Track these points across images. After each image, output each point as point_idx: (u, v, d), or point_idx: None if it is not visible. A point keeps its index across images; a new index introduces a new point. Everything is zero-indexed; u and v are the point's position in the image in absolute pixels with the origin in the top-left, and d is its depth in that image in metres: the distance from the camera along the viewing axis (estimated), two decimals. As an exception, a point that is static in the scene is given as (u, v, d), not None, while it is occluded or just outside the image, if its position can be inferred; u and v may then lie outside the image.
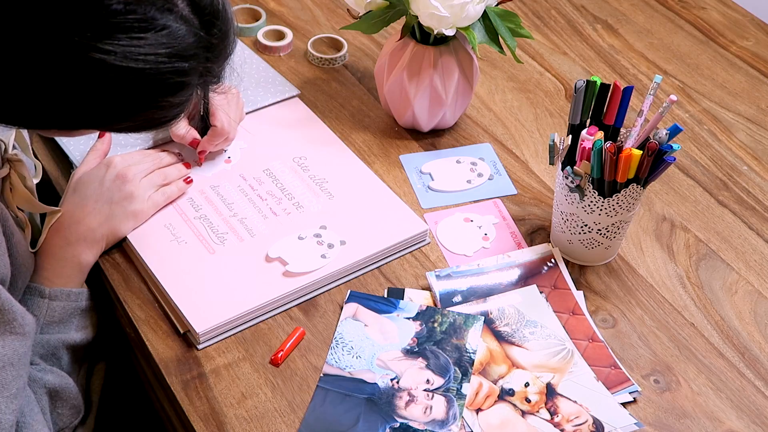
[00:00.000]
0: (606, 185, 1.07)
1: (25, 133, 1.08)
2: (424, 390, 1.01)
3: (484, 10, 1.19)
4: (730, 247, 1.20)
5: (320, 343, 1.06)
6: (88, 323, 1.08)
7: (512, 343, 1.06)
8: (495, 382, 1.03)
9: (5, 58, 0.76)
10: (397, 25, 1.29)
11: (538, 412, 1.00)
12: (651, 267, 1.17)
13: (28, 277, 1.05)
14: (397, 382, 1.01)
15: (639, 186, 1.08)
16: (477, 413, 1.00)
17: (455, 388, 1.01)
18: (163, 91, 0.81)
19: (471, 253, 1.17)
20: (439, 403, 1.00)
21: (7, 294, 0.89)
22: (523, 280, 1.13)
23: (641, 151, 1.04)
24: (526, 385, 1.02)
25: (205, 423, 0.98)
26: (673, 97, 1.03)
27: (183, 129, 1.19)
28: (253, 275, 1.10)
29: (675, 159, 1.04)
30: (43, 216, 1.12)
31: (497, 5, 1.23)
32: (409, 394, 1.00)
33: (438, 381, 1.02)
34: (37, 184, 1.09)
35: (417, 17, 1.19)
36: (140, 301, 1.09)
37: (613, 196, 1.08)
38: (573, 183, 1.09)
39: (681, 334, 1.09)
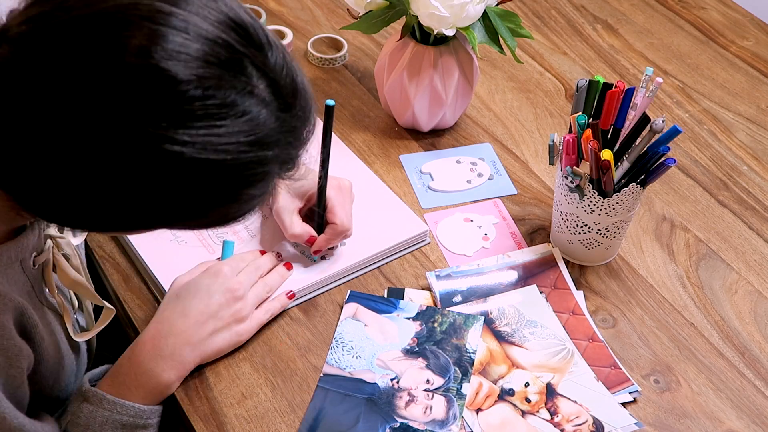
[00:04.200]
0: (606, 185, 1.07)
1: None
2: (424, 390, 1.01)
3: (484, 10, 1.19)
4: (730, 247, 1.20)
5: (320, 343, 1.06)
6: None
7: (512, 343, 1.06)
8: (495, 382, 1.03)
9: (73, 156, 0.67)
10: (397, 25, 1.29)
11: (538, 412, 1.00)
12: (651, 267, 1.17)
13: (67, 365, 0.98)
14: (397, 382, 1.01)
15: (639, 186, 1.08)
16: (477, 413, 1.00)
17: (455, 388, 1.01)
18: (243, 183, 0.73)
19: (471, 253, 1.17)
20: (439, 403, 1.00)
21: (15, 412, 0.84)
22: (523, 280, 1.13)
23: (610, 151, 1.06)
24: (526, 385, 1.02)
25: (205, 423, 0.98)
26: (659, 80, 1.06)
27: (298, 227, 1.09)
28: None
29: (675, 161, 1.05)
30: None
31: (497, 5, 1.23)
32: (409, 394, 1.00)
33: (438, 381, 1.02)
34: None
35: (417, 17, 1.19)
36: (140, 301, 1.09)
37: (613, 196, 1.08)
38: (573, 183, 1.09)
39: (681, 334, 1.09)
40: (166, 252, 1.12)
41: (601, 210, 1.09)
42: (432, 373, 1.02)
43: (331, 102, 1.04)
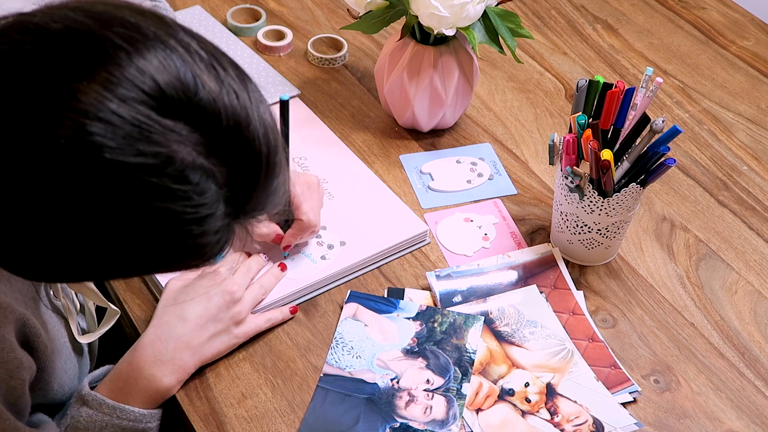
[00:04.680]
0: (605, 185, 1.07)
1: None
2: (424, 390, 1.01)
3: (484, 10, 1.19)
4: (730, 247, 1.20)
5: (320, 343, 1.06)
6: None
7: (512, 343, 1.06)
8: (495, 382, 1.03)
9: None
10: (397, 25, 1.29)
11: (538, 412, 1.00)
12: (651, 267, 1.17)
13: (70, 368, 0.97)
14: (397, 382, 1.01)
15: (639, 186, 1.08)
16: (477, 413, 1.00)
17: (455, 388, 1.01)
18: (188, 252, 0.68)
19: (471, 253, 1.17)
20: (439, 403, 1.00)
21: (17, 423, 0.84)
22: (523, 280, 1.13)
23: (610, 151, 1.06)
24: (526, 385, 1.02)
25: (205, 423, 0.98)
26: (659, 80, 1.06)
27: (264, 227, 1.09)
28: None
29: (675, 161, 1.05)
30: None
31: (497, 5, 1.23)
32: (409, 394, 1.00)
33: (438, 381, 1.02)
34: None
35: (417, 17, 1.19)
36: (140, 301, 1.09)
37: (613, 196, 1.08)
38: (573, 183, 1.09)
39: (681, 334, 1.09)
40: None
41: (601, 210, 1.09)
42: (432, 373, 1.02)
43: (285, 96, 1.04)
